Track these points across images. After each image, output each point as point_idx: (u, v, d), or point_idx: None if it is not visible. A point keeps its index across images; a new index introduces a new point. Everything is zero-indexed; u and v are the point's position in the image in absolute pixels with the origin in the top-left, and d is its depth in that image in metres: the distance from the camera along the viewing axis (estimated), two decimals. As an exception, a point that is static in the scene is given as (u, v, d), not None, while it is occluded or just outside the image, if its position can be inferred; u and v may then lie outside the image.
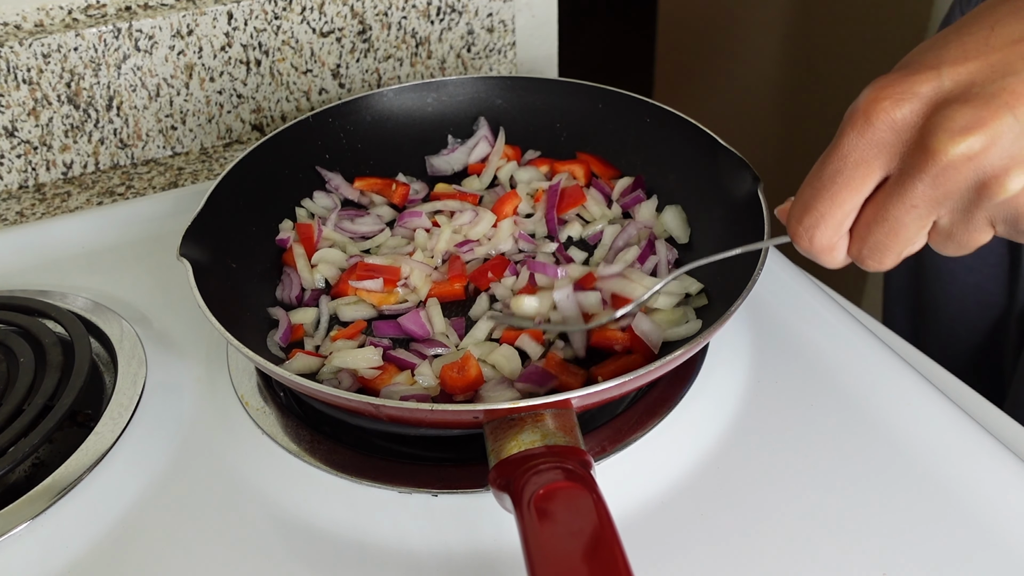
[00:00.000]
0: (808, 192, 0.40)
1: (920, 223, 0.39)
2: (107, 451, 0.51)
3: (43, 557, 0.46)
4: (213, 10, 0.77)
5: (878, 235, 0.40)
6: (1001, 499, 0.47)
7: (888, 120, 0.37)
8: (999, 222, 0.38)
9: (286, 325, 0.57)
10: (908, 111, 0.37)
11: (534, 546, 0.36)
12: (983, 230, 0.39)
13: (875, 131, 0.37)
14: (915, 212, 0.38)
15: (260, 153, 0.64)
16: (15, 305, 0.60)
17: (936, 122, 0.36)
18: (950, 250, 0.41)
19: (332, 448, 0.51)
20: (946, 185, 0.37)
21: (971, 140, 0.35)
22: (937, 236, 0.40)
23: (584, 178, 0.68)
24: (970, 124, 0.35)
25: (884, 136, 0.37)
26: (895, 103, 0.37)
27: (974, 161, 0.36)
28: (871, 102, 0.37)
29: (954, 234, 0.39)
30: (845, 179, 0.39)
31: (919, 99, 0.37)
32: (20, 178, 0.78)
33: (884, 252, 0.40)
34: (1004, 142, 0.35)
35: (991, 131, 0.35)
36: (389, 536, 0.47)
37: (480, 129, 0.71)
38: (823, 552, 0.45)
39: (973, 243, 0.40)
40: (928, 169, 0.36)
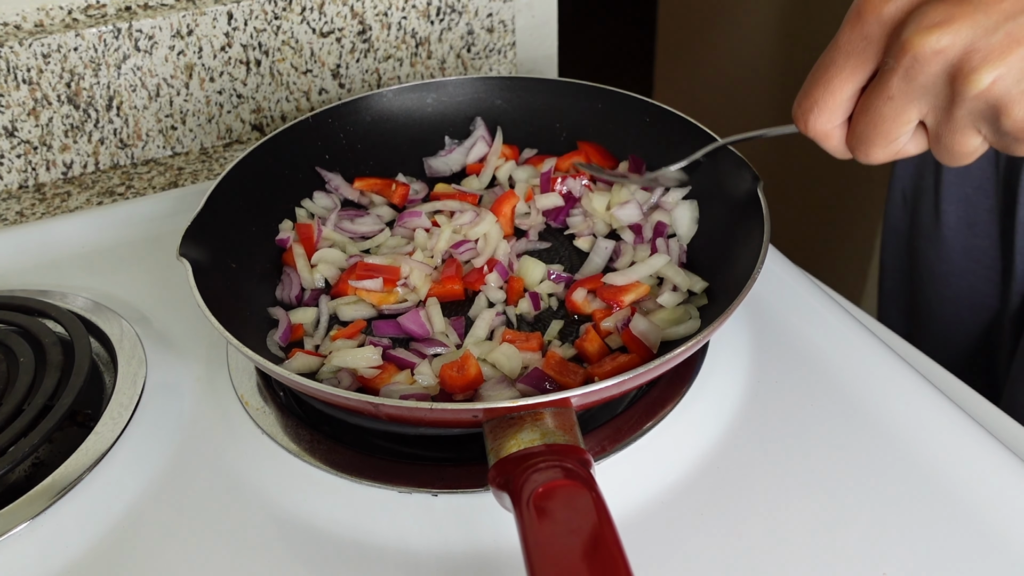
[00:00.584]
0: (808, 80, 0.44)
1: (899, 117, 0.41)
2: (107, 451, 0.51)
3: (43, 557, 0.46)
4: (213, 10, 0.77)
5: (862, 125, 0.42)
6: (1001, 499, 0.47)
7: (876, 15, 0.40)
8: (980, 122, 0.40)
9: (286, 325, 0.57)
10: (894, 8, 0.39)
11: (533, 545, 0.36)
12: (967, 132, 0.40)
13: (865, 25, 0.40)
14: (892, 104, 0.41)
15: (260, 153, 0.64)
16: (15, 305, 0.60)
17: (911, 17, 0.39)
18: (945, 157, 0.42)
19: (332, 448, 0.51)
20: (917, 78, 0.39)
21: (939, 34, 0.38)
22: (928, 140, 0.42)
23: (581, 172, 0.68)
24: (941, 20, 0.38)
25: (872, 30, 0.40)
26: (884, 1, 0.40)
27: (942, 55, 0.38)
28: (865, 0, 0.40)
29: (941, 136, 0.41)
30: (837, 68, 0.42)
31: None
32: (20, 178, 0.78)
33: (869, 144, 0.43)
34: (972, 36, 0.37)
35: (960, 26, 0.37)
36: (389, 536, 0.47)
37: (477, 129, 0.71)
38: (823, 552, 0.45)
39: (961, 148, 0.41)
40: (901, 62, 0.39)
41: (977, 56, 0.37)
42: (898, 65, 0.39)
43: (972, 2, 0.38)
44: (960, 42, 0.38)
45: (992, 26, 0.37)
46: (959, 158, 0.42)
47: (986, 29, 0.37)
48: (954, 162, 0.43)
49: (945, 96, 0.39)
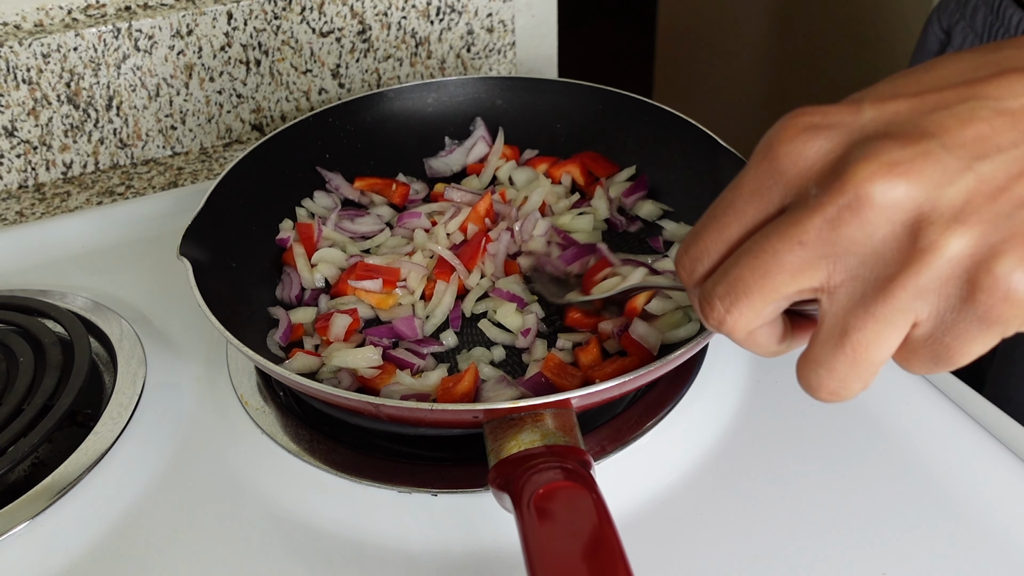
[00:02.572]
0: (699, 223, 0.34)
1: (799, 275, 0.30)
2: (107, 451, 0.51)
3: (42, 557, 0.46)
4: (213, 10, 0.77)
5: (743, 268, 0.31)
6: (1001, 499, 0.47)
7: (792, 150, 0.30)
8: (927, 306, 0.29)
9: (286, 324, 0.57)
10: (819, 145, 0.30)
11: (533, 545, 0.36)
12: (900, 320, 0.29)
13: (776, 160, 0.30)
14: (798, 252, 0.29)
15: (260, 153, 0.64)
16: (15, 305, 0.60)
17: (857, 153, 0.29)
18: (840, 366, 0.30)
19: (332, 448, 0.51)
20: (851, 226, 0.28)
21: (896, 179, 0.28)
22: (830, 327, 0.30)
23: (582, 177, 0.68)
24: (895, 160, 0.28)
25: (784, 167, 0.30)
26: (805, 134, 0.30)
27: (898, 208, 0.28)
28: (779, 130, 0.31)
29: (853, 323, 0.29)
30: (736, 211, 0.32)
31: (833, 131, 0.30)
32: (20, 178, 0.78)
33: (740, 294, 0.31)
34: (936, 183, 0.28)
35: (921, 168, 0.28)
36: (389, 536, 0.47)
37: (477, 129, 0.71)
38: (823, 552, 0.45)
39: (880, 347, 0.29)
40: (832, 201, 0.28)
41: (944, 209, 0.28)
42: (827, 204, 0.29)
43: (928, 136, 0.28)
44: (921, 191, 0.28)
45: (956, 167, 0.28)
46: (871, 362, 0.30)
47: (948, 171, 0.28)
48: (861, 372, 0.30)
49: (886, 260, 0.28)
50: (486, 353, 0.56)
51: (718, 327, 0.33)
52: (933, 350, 0.30)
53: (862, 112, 0.30)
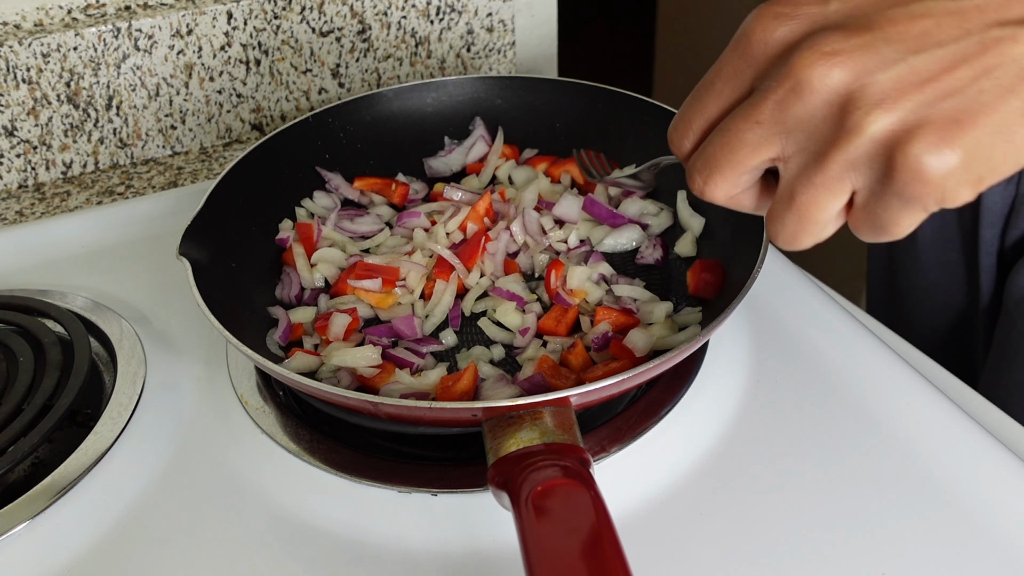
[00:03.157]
0: (685, 103, 0.39)
1: (758, 147, 0.35)
2: (106, 451, 0.51)
3: (42, 557, 0.46)
4: (212, 10, 0.77)
5: (714, 146, 0.36)
6: (1001, 499, 0.47)
7: (762, 35, 0.35)
8: (860, 177, 0.33)
9: (286, 324, 0.57)
10: (785, 30, 0.34)
11: (532, 544, 0.36)
12: (835, 187, 0.34)
13: (749, 46, 0.35)
14: (757, 130, 0.35)
15: (260, 153, 0.64)
16: (15, 304, 0.60)
17: (804, 43, 0.33)
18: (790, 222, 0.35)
19: (331, 447, 0.51)
20: (795, 107, 0.33)
21: (833, 64, 0.32)
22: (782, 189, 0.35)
23: (580, 177, 0.68)
24: (836, 49, 0.32)
25: (755, 51, 0.35)
26: (775, 21, 0.35)
27: (832, 88, 0.32)
28: (754, 18, 0.35)
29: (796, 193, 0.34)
30: (715, 91, 0.37)
31: (799, 19, 0.34)
32: (20, 177, 0.78)
33: (713, 169, 0.36)
34: (870, 69, 0.32)
35: (856, 57, 0.32)
36: (388, 535, 0.47)
37: (476, 129, 0.71)
38: (823, 552, 0.45)
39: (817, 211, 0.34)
40: (781, 85, 0.33)
41: (872, 91, 0.32)
42: (775, 88, 0.34)
43: (873, 29, 0.32)
44: (854, 75, 0.32)
45: (893, 57, 0.32)
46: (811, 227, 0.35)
47: (884, 61, 0.32)
48: (800, 227, 0.35)
49: (821, 136, 0.33)
50: (485, 352, 0.56)
51: (700, 195, 0.38)
52: (869, 218, 0.34)
53: (828, 4, 0.34)
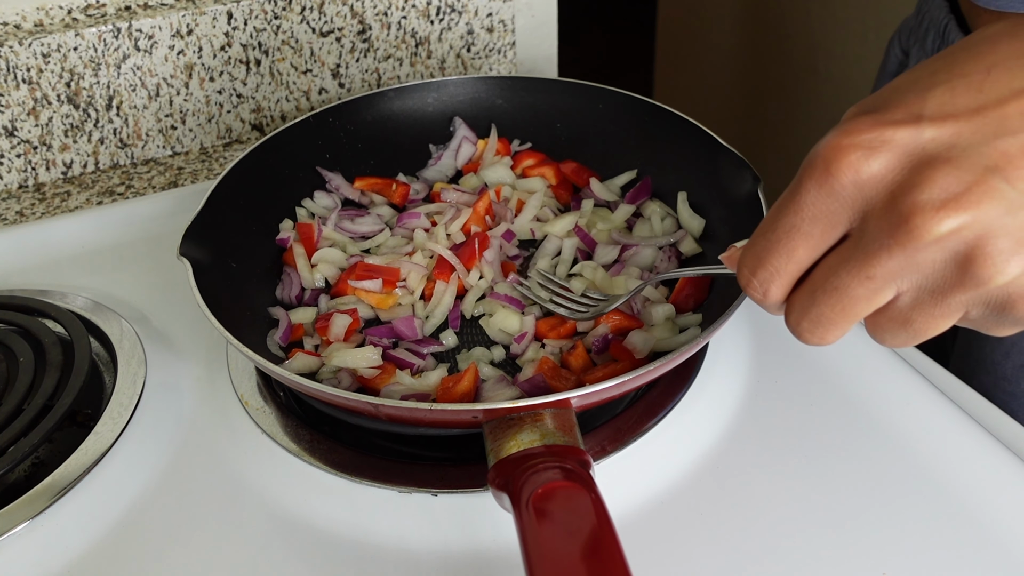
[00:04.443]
0: (761, 244, 0.35)
1: (873, 298, 0.32)
2: (107, 451, 0.51)
3: (43, 557, 0.46)
4: (213, 10, 0.77)
5: (823, 306, 0.33)
6: (1001, 499, 0.47)
7: (853, 174, 0.31)
8: (977, 307, 0.31)
9: (286, 324, 0.57)
10: (878, 166, 0.31)
11: (532, 545, 0.36)
12: (951, 316, 0.32)
13: (838, 184, 0.31)
14: (870, 285, 0.32)
15: (260, 153, 0.64)
16: (15, 304, 0.60)
17: (914, 186, 0.30)
18: (902, 338, 0.34)
19: (332, 448, 0.51)
20: (918, 263, 0.31)
21: (957, 215, 0.29)
22: (887, 317, 0.33)
23: (555, 178, 0.68)
24: (955, 194, 0.29)
25: (848, 191, 0.31)
26: (864, 155, 0.31)
27: (954, 237, 0.30)
28: (835, 150, 0.31)
29: (912, 320, 0.32)
30: (802, 235, 0.33)
31: (892, 152, 0.31)
32: (20, 178, 0.78)
33: (827, 326, 0.34)
34: (995, 215, 0.29)
35: (980, 203, 0.29)
36: (389, 535, 0.47)
37: (459, 130, 0.71)
38: (823, 552, 0.45)
39: (932, 330, 0.33)
40: (899, 242, 0.30)
41: (1002, 241, 0.29)
42: (891, 245, 0.30)
43: (987, 168, 0.29)
44: (979, 223, 0.29)
45: (1019, 201, 0.29)
46: (917, 340, 0.34)
47: (1011, 206, 0.29)
48: (906, 343, 0.34)
49: (944, 280, 0.31)
50: (486, 353, 0.56)
51: (809, 344, 0.36)
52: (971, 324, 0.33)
53: (922, 131, 0.30)
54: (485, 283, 0.60)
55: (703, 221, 0.62)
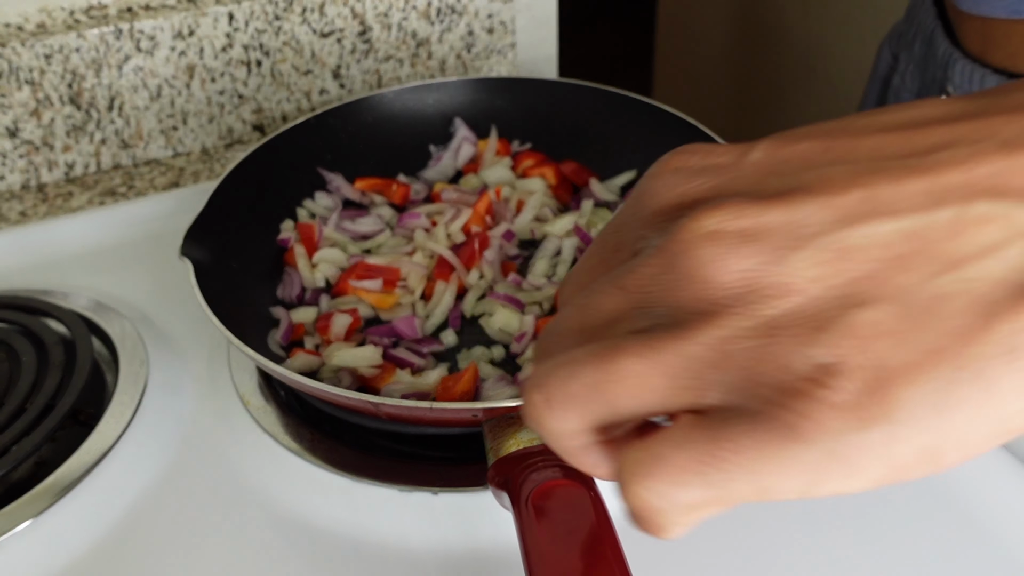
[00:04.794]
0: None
1: (613, 314, 0.24)
2: (109, 450, 0.51)
3: (45, 555, 0.47)
4: (214, 11, 0.77)
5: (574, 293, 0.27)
6: (1001, 499, 0.47)
7: (653, 192, 0.26)
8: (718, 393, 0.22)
9: (287, 324, 0.57)
10: (684, 189, 0.25)
11: (531, 544, 0.37)
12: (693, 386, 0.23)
13: (638, 202, 0.26)
14: (618, 297, 0.25)
15: (261, 153, 0.64)
16: (18, 304, 0.61)
17: (697, 207, 0.23)
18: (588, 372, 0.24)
19: (333, 447, 0.51)
20: (661, 291, 0.23)
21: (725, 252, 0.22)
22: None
23: (555, 179, 0.68)
24: (727, 228, 0.22)
25: (642, 209, 0.26)
26: (670, 174, 0.26)
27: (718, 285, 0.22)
28: (651, 169, 0.27)
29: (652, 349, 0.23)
30: (591, 253, 0.28)
31: (702, 175, 0.25)
32: (22, 178, 0.78)
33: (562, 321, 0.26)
34: (778, 261, 0.21)
35: (756, 246, 0.22)
36: (389, 534, 0.47)
37: (459, 130, 0.71)
38: (822, 551, 0.45)
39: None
40: (653, 257, 0.23)
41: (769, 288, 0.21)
42: (649, 260, 0.24)
43: (797, 195, 0.22)
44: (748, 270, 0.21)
45: (815, 233, 0.21)
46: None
47: (800, 240, 0.21)
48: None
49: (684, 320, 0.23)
50: (486, 352, 0.56)
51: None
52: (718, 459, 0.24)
53: (749, 153, 0.24)
54: (485, 283, 0.61)
55: None
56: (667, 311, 0.23)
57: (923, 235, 0.21)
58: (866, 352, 0.20)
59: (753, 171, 0.24)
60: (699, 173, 0.25)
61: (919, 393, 0.20)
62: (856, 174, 0.22)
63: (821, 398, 0.20)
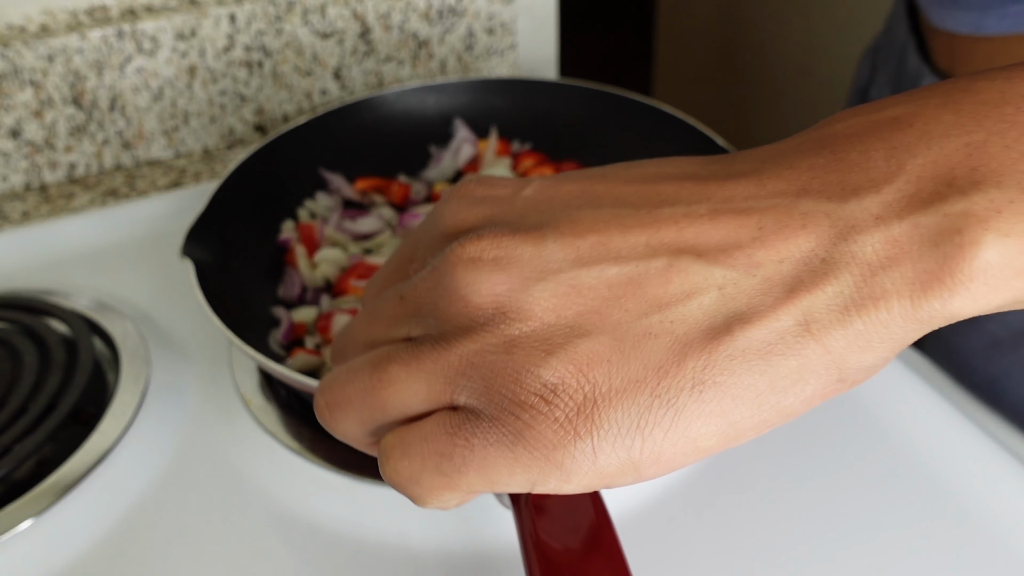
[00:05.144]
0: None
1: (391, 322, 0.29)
2: (110, 449, 0.51)
3: (47, 554, 0.47)
4: (215, 12, 0.77)
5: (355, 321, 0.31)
6: (1000, 499, 0.47)
7: (440, 219, 0.29)
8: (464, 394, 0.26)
9: (287, 324, 0.58)
10: (465, 217, 0.28)
11: (531, 543, 0.37)
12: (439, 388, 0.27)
13: (430, 223, 0.30)
14: (396, 306, 0.28)
15: (262, 154, 0.64)
16: (19, 304, 0.61)
17: (467, 235, 0.27)
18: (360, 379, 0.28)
19: (333, 446, 0.51)
20: (427, 306, 0.27)
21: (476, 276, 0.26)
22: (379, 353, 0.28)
23: None
24: (479, 255, 0.26)
25: (428, 231, 0.30)
26: (457, 201, 0.29)
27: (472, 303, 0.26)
28: (444, 197, 0.30)
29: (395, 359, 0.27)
30: (389, 261, 0.32)
31: (482, 206, 0.28)
32: (25, 178, 0.78)
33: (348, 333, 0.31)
34: (521, 289, 0.25)
35: (502, 273, 0.25)
36: (390, 533, 0.47)
37: (459, 131, 0.71)
38: (822, 551, 0.45)
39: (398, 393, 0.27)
40: (426, 277, 0.27)
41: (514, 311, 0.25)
42: (430, 270, 0.27)
43: (547, 231, 0.25)
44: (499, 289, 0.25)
45: (555, 269, 0.25)
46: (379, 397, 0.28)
47: (544, 273, 0.25)
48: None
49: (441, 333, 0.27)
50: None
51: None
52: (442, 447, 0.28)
53: (524, 189, 0.28)
54: None
55: None
56: (435, 322, 0.27)
57: (639, 280, 0.24)
58: (582, 377, 0.24)
59: (523, 205, 0.27)
60: (480, 202, 0.28)
61: (622, 415, 0.24)
62: (596, 220, 0.26)
63: (544, 412, 0.24)
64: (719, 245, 0.24)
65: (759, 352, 0.24)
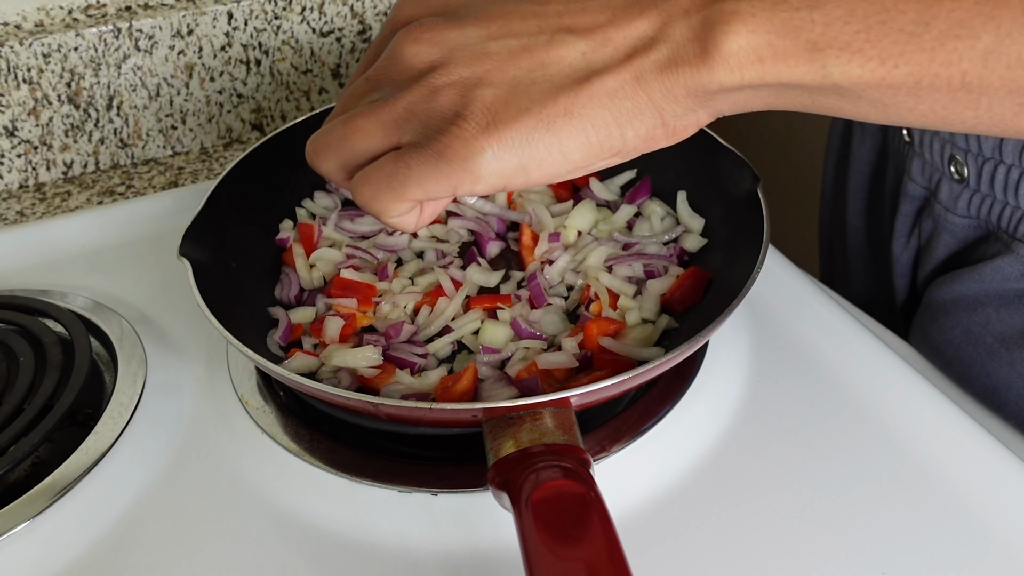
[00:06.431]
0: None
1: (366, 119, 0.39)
2: (107, 450, 0.51)
3: (43, 556, 0.46)
4: (213, 10, 0.77)
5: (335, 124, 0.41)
6: (1001, 499, 0.47)
7: (392, 20, 0.42)
8: (411, 129, 0.37)
9: (285, 324, 0.57)
10: (408, 14, 0.41)
11: (531, 545, 0.36)
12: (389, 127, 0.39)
13: (386, 27, 0.43)
14: (363, 85, 0.40)
15: (260, 153, 0.64)
16: (15, 304, 0.61)
17: (409, 25, 0.39)
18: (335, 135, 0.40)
19: (332, 447, 0.51)
20: (389, 71, 0.39)
21: (423, 41, 0.38)
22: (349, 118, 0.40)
23: (579, 180, 0.68)
24: (431, 32, 0.38)
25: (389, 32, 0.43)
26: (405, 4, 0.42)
27: (419, 59, 0.38)
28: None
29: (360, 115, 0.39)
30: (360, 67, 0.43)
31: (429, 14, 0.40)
32: (20, 177, 0.78)
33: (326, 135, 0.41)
34: (453, 50, 0.37)
35: (446, 39, 0.38)
36: (389, 535, 0.47)
37: None
38: (823, 552, 0.45)
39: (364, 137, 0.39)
40: (383, 58, 0.40)
41: (446, 65, 0.37)
42: (382, 60, 0.39)
43: (467, 19, 0.38)
44: (437, 51, 0.38)
45: (473, 41, 0.37)
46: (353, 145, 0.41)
47: (466, 44, 0.37)
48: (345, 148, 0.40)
49: (399, 87, 0.39)
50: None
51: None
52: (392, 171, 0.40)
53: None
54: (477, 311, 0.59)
55: (703, 220, 0.62)
56: (389, 88, 0.39)
57: (531, 48, 0.36)
58: (485, 108, 0.36)
59: (454, 4, 0.39)
60: (423, 3, 0.40)
61: (515, 133, 0.35)
62: (503, 12, 0.38)
63: (457, 132, 0.35)
64: (586, 26, 0.36)
65: (608, 94, 0.35)
